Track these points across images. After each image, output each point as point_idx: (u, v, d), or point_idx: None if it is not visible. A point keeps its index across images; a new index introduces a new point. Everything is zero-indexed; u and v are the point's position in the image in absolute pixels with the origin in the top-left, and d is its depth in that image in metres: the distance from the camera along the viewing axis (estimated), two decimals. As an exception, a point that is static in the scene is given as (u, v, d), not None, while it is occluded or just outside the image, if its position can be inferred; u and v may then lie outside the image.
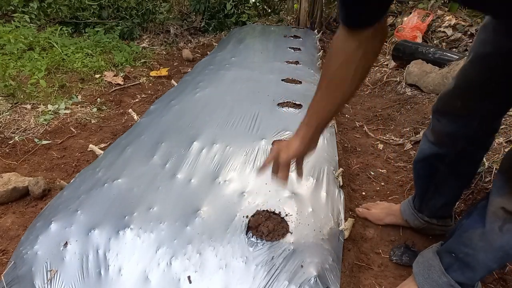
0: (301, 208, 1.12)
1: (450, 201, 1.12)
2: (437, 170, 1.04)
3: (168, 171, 1.30)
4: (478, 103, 0.87)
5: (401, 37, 2.96)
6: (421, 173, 1.10)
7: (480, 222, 0.82)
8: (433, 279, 0.91)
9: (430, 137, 1.02)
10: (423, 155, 1.06)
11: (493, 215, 0.79)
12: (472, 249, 0.83)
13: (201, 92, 2.02)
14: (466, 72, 0.88)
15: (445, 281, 0.88)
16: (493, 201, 0.80)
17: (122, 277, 0.94)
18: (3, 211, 1.36)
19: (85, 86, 2.60)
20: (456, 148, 0.96)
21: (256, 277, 0.91)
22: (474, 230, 0.83)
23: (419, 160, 1.09)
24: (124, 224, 1.05)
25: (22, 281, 0.96)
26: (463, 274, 0.86)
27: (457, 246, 0.88)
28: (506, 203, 0.76)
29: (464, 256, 0.85)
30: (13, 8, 3.75)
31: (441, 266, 0.90)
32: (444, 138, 0.97)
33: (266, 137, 1.50)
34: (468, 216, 0.89)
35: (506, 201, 0.76)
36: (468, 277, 0.86)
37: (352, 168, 1.66)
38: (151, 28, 4.12)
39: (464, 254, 0.85)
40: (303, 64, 2.65)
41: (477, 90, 0.86)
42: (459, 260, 0.87)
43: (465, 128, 0.91)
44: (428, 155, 1.04)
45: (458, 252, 0.87)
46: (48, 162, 1.70)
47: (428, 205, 1.12)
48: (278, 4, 5.42)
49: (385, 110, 2.25)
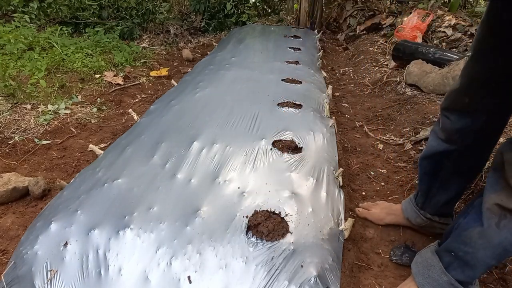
0: (301, 208, 1.12)
1: (453, 199, 1.12)
2: (442, 167, 1.04)
3: (168, 171, 1.30)
4: (485, 99, 0.88)
5: (401, 37, 2.96)
6: (427, 170, 1.11)
7: (478, 220, 0.83)
8: (434, 279, 0.91)
9: (440, 135, 1.03)
10: (431, 152, 1.07)
11: (489, 212, 0.80)
12: (471, 248, 0.84)
13: (201, 92, 2.02)
14: (469, 70, 0.90)
15: (445, 280, 0.89)
16: (488, 198, 0.81)
17: (122, 277, 0.94)
18: (3, 211, 1.36)
19: (85, 86, 2.60)
20: (465, 143, 0.97)
21: (256, 277, 0.91)
22: (473, 229, 0.84)
23: (426, 157, 1.09)
24: (124, 224, 1.05)
25: (22, 281, 0.96)
26: (463, 272, 0.87)
27: (456, 245, 0.88)
28: (500, 199, 0.77)
29: (464, 254, 0.86)
30: (13, 8, 3.76)
31: (441, 265, 0.90)
32: (454, 135, 0.97)
33: (266, 137, 1.50)
34: (465, 214, 0.90)
35: (501, 197, 0.78)
36: (468, 275, 0.87)
37: (352, 168, 1.66)
38: (151, 28, 4.12)
39: (463, 253, 0.86)
40: (303, 64, 2.65)
41: (481, 88, 0.87)
42: (458, 259, 0.87)
43: (473, 123, 0.92)
44: (437, 152, 1.04)
45: (457, 250, 0.87)
46: (48, 162, 1.70)
47: (432, 201, 1.13)
48: (278, 4, 5.42)
49: (385, 110, 2.25)
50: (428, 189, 1.12)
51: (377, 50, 3.33)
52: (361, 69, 3.05)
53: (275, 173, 1.29)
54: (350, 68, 3.19)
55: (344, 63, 3.41)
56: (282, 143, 1.48)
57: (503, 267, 1.10)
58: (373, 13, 3.92)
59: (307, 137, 1.52)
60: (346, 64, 3.35)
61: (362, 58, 3.25)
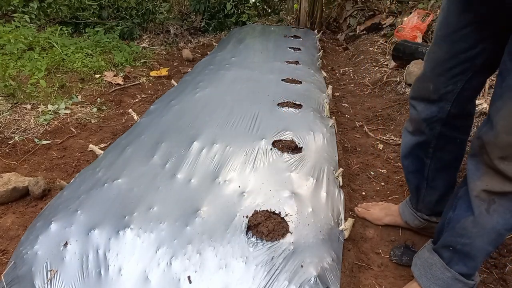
0: (301, 208, 1.12)
1: (444, 196, 1.11)
2: (424, 164, 1.05)
3: (168, 171, 1.30)
4: (448, 85, 0.89)
5: (401, 37, 2.96)
6: (410, 170, 1.11)
7: (468, 210, 0.84)
8: (437, 277, 0.91)
9: (408, 128, 1.05)
10: (405, 148, 1.08)
11: (477, 199, 0.81)
12: (468, 238, 0.84)
13: (201, 92, 2.02)
14: (433, 54, 0.91)
15: (449, 276, 0.88)
16: (473, 186, 0.82)
17: (122, 277, 0.94)
18: (3, 211, 1.36)
19: (85, 86, 2.60)
20: (434, 133, 0.97)
21: (256, 277, 0.91)
22: (466, 219, 0.84)
23: (405, 156, 1.10)
24: (124, 224, 1.05)
25: (22, 281, 0.96)
26: (465, 264, 0.87)
27: (453, 238, 0.88)
28: (486, 185, 0.78)
29: (462, 246, 0.86)
30: (13, 8, 3.76)
31: (442, 262, 0.90)
32: (421, 124, 0.98)
33: (266, 137, 1.50)
34: (453, 208, 0.90)
35: (485, 182, 0.78)
36: (470, 266, 0.87)
37: (352, 168, 1.66)
38: (151, 28, 4.12)
39: (462, 245, 0.86)
40: (303, 64, 2.65)
41: (445, 70, 0.88)
42: (458, 252, 0.87)
43: (439, 113, 0.93)
44: (411, 146, 1.05)
45: (455, 244, 0.87)
46: (48, 162, 1.70)
47: (424, 202, 1.12)
48: (278, 4, 5.42)
49: (385, 110, 2.25)
50: (417, 189, 1.12)
51: (377, 50, 3.33)
52: (361, 69, 3.05)
53: (275, 173, 1.29)
54: (350, 68, 3.19)
55: (344, 63, 3.41)
56: (282, 143, 1.48)
57: (503, 267, 1.10)
58: (373, 13, 3.92)
59: (307, 137, 1.52)
60: (346, 64, 3.35)
61: (362, 58, 3.25)
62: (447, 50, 0.87)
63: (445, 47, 0.87)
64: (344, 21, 4.19)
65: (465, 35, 0.82)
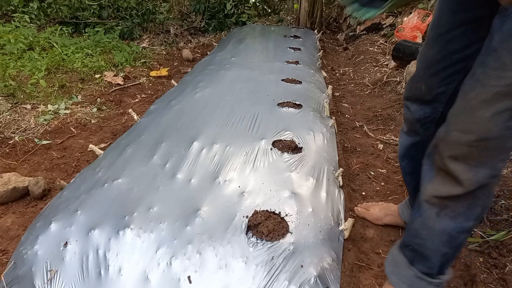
0: (301, 208, 1.12)
1: None
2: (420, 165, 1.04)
3: (168, 171, 1.30)
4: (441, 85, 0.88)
5: (401, 37, 2.96)
6: (407, 171, 1.11)
7: (418, 211, 0.84)
8: (402, 275, 0.91)
9: (404, 128, 1.04)
10: (402, 149, 1.08)
11: (427, 203, 0.81)
12: (420, 239, 0.84)
13: (201, 92, 2.02)
14: (425, 54, 0.91)
15: (411, 274, 0.88)
16: (424, 190, 0.82)
17: (122, 277, 0.94)
18: (3, 211, 1.36)
19: (85, 86, 2.60)
20: (428, 134, 0.96)
21: (256, 277, 0.91)
22: (416, 220, 0.85)
23: (402, 156, 1.10)
24: (124, 224, 1.05)
25: (22, 281, 0.96)
26: (424, 264, 0.87)
27: (409, 238, 0.89)
28: (435, 190, 0.78)
29: (417, 246, 0.86)
30: (13, 8, 3.76)
31: (406, 260, 0.90)
32: (416, 125, 0.98)
33: (266, 137, 1.50)
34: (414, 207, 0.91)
35: (435, 187, 0.78)
36: (428, 266, 0.86)
37: (352, 168, 1.66)
38: (151, 28, 4.12)
39: (417, 245, 0.86)
40: (303, 64, 2.65)
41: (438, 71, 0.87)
42: (415, 252, 0.87)
43: (433, 114, 0.93)
44: (406, 147, 1.05)
45: (412, 244, 0.88)
46: (48, 162, 1.70)
47: None
48: (278, 4, 5.42)
49: (385, 110, 2.25)
50: (415, 190, 1.11)
51: (377, 50, 3.33)
52: (361, 69, 3.05)
53: (275, 173, 1.29)
54: (350, 68, 3.19)
55: (344, 63, 3.41)
56: (282, 143, 1.48)
57: (503, 267, 1.10)
58: (373, 13, 3.91)
59: (307, 137, 1.52)
60: (346, 64, 3.35)
61: (362, 58, 3.25)
62: (439, 51, 0.85)
63: (438, 47, 0.86)
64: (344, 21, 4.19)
65: (458, 35, 0.81)
